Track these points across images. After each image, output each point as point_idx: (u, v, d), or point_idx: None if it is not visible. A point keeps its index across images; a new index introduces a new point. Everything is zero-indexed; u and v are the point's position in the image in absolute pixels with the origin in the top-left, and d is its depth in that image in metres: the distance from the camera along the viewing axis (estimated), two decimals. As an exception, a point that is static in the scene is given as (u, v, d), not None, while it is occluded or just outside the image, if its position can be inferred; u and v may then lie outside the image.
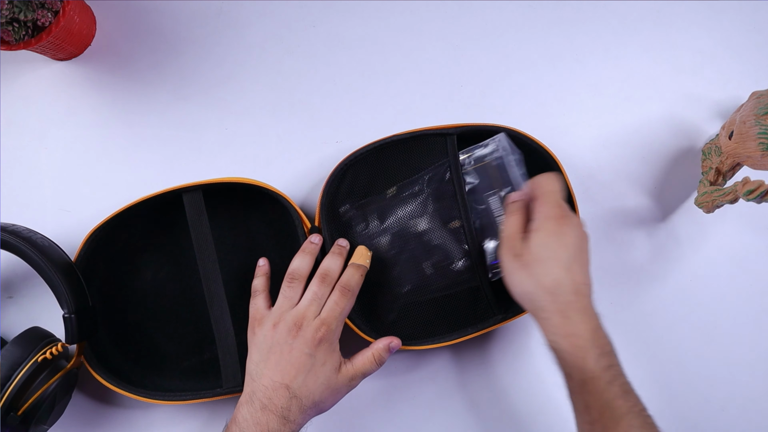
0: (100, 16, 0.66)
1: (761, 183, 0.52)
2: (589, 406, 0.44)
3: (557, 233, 0.47)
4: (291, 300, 0.52)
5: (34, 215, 0.63)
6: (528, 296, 0.47)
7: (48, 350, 0.53)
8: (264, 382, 0.48)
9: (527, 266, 0.47)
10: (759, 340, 0.65)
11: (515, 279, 0.48)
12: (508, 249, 0.49)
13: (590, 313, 0.47)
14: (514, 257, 0.48)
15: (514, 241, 0.49)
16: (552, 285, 0.46)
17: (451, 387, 0.63)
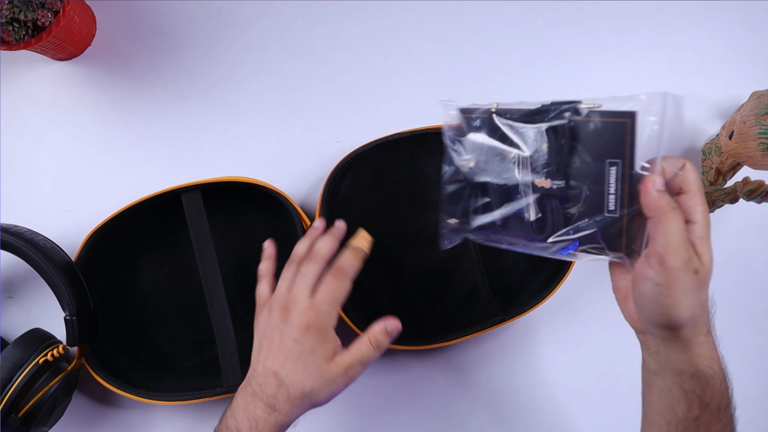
0: (100, 16, 0.66)
1: (761, 183, 0.52)
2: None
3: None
4: (286, 282, 0.50)
5: (35, 215, 0.63)
6: (694, 316, 0.38)
7: (49, 352, 0.53)
8: (258, 369, 0.47)
9: (703, 285, 0.38)
10: (759, 340, 0.65)
11: (689, 301, 0.37)
12: (688, 262, 0.37)
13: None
14: (694, 274, 0.37)
15: (690, 251, 0.37)
16: (707, 302, 0.40)
17: (451, 387, 0.63)
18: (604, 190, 0.40)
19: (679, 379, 0.40)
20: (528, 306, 0.58)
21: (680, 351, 0.39)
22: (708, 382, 0.39)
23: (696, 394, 0.39)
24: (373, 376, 0.62)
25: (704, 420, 0.39)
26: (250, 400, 0.46)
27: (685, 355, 0.39)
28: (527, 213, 0.44)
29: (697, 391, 0.39)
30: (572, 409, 0.63)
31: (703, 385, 0.39)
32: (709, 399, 0.39)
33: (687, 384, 0.39)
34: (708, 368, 0.39)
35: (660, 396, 0.41)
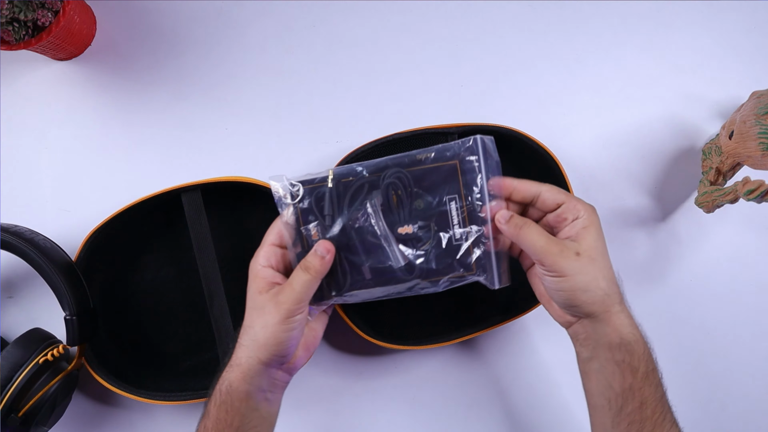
0: (100, 16, 0.66)
1: (761, 183, 0.52)
2: (645, 402, 0.43)
3: (600, 226, 0.47)
4: None
5: (35, 215, 0.63)
6: (602, 292, 0.44)
7: (49, 352, 0.53)
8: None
9: (595, 261, 0.44)
10: (759, 340, 0.65)
11: (587, 278, 0.44)
12: (564, 250, 0.44)
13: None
14: (576, 255, 0.44)
15: (562, 243, 0.45)
16: (614, 277, 0.46)
17: (451, 387, 0.63)
18: (448, 223, 0.49)
19: (610, 353, 0.44)
20: (528, 306, 0.58)
21: (604, 324, 0.45)
22: (633, 348, 0.44)
23: (626, 363, 0.44)
24: (373, 376, 0.62)
25: (637, 386, 0.43)
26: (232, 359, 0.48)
27: (609, 326, 0.45)
28: (395, 261, 0.49)
29: (627, 359, 0.44)
30: (572, 408, 0.62)
31: (630, 352, 0.44)
32: (637, 364, 0.44)
33: (617, 355, 0.44)
34: (630, 334, 0.44)
35: (597, 378, 0.45)
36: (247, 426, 0.46)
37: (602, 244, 0.46)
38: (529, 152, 0.61)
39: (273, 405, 0.49)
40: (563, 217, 0.46)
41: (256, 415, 0.46)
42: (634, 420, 0.43)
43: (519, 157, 0.62)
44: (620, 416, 0.44)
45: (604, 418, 0.45)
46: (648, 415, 0.43)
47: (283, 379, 0.49)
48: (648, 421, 0.43)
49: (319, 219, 0.50)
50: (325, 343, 0.63)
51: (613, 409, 0.44)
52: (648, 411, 0.43)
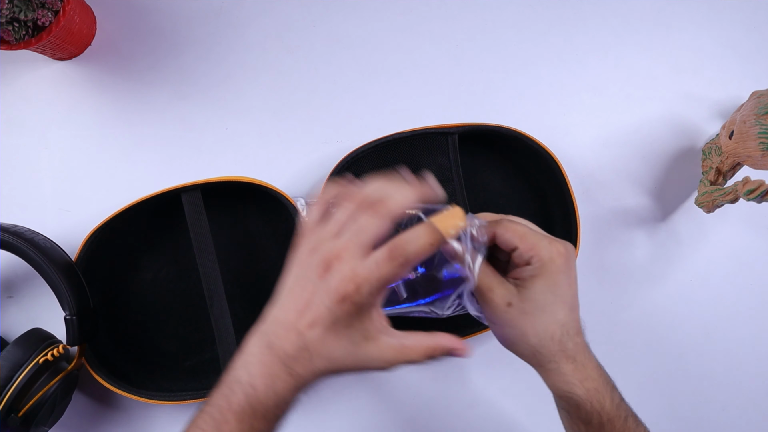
0: (100, 16, 0.66)
1: (761, 183, 0.52)
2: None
3: (564, 272, 0.41)
4: (338, 226, 0.39)
5: (35, 215, 0.63)
6: (531, 348, 0.42)
7: (49, 352, 0.53)
8: (279, 315, 0.39)
9: (528, 315, 0.41)
10: (759, 340, 0.65)
11: (515, 331, 0.42)
12: (498, 297, 0.41)
13: (589, 350, 0.44)
14: (507, 307, 0.41)
15: (501, 288, 0.42)
16: (560, 332, 0.42)
17: (451, 387, 0.63)
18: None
19: (561, 402, 0.43)
20: (528, 306, 0.58)
21: (543, 377, 0.43)
22: (577, 404, 0.41)
23: (575, 414, 0.42)
24: (373, 376, 0.62)
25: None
26: (266, 354, 0.38)
27: (547, 381, 0.43)
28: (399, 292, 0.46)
29: (572, 411, 0.42)
30: (572, 409, 0.63)
31: (573, 406, 0.42)
32: (587, 417, 0.41)
33: (563, 404, 0.43)
34: (568, 393, 0.42)
35: (560, 413, 0.45)
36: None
37: (549, 296, 0.41)
38: (529, 152, 0.61)
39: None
40: (522, 258, 0.42)
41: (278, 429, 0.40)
42: None
43: (519, 157, 0.62)
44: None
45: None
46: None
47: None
48: None
49: None
50: (325, 343, 0.63)
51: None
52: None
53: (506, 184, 0.63)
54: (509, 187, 0.64)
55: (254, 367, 0.38)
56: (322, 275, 0.37)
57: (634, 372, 0.64)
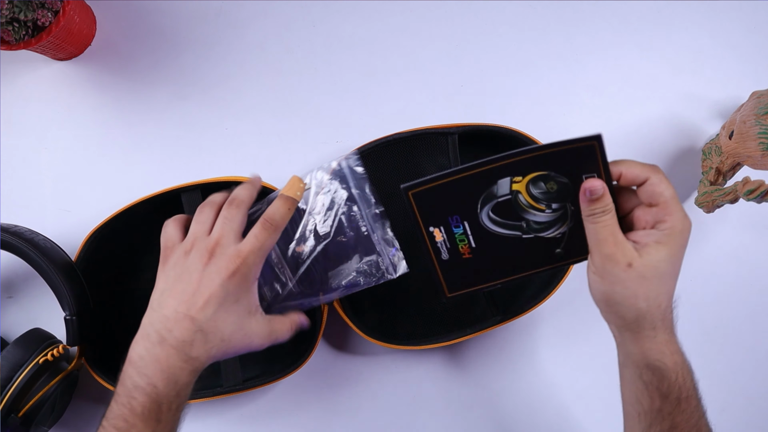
0: (100, 16, 0.66)
1: (761, 183, 0.52)
2: (676, 426, 0.41)
3: (683, 246, 0.41)
4: (204, 225, 0.46)
5: (34, 215, 0.63)
6: (637, 312, 0.41)
7: (49, 352, 0.53)
8: (165, 312, 0.43)
9: (645, 280, 0.41)
10: (759, 340, 0.65)
11: (626, 292, 0.41)
12: (620, 255, 0.41)
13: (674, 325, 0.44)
14: (627, 266, 0.41)
15: (625, 246, 0.41)
16: (666, 302, 0.42)
17: (451, 387, 0.63)
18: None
19: (637, 370, 0.42)
20: (528, 306, 0.58)
21: (632, 342, 0.42)
22: (663, 375, 0.41)
23: (654, 386, 0.42)
24: (373, 376, 0.62)
25: (667, 410, 0.41)
26: (159, 350, 0.42)
27: (636, 347, 0.42)
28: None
29: (654, 382, 0.42)
30: (573, 409, 0.63)
31: (658, 378, 0.41)
32: (667, 391, 0.41)
33: (645, 375, 0.42)
34: (659, 362, 0.41)
35: (629, 387, 0.44)
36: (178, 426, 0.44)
37: (668, 266, 0.41)
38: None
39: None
40: (645, 219, 0.42)
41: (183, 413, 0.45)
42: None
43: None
44: (650, 431, 0.42)
45: (635, 427, 0.44)
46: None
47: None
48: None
49: None
50: (325, 343, 0.63)
51: (642, 423, 0.43)
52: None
53: (506, 184, 0.63)
54: (509, 187, 0.64)
55: (149, 368, 0.42)
56: (206, 263, 0.44)
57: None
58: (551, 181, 0.43)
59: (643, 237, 0.41)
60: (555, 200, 0.44)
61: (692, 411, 0.42)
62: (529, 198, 0.44)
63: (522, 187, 0.43)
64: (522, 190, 0.44)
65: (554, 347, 0.64)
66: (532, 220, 0.45)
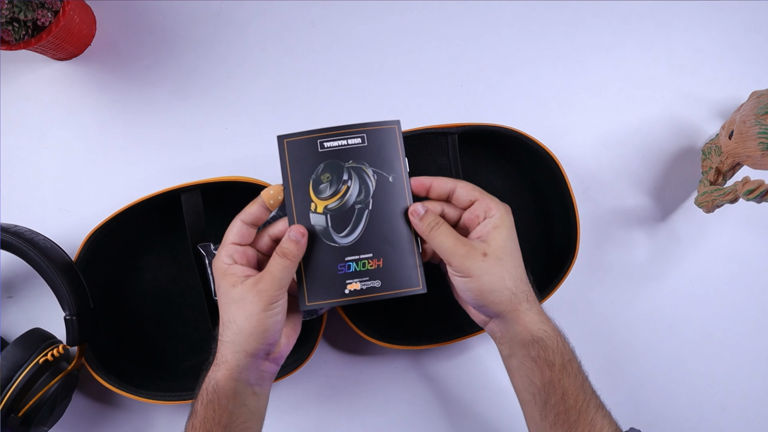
0: (100, 16, 0.66)
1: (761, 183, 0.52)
2: (566, 392, 0.45)
3: (513, 225, 0.48)
4: None
5: (35, 215, 0.63)
6: (509, 292, 0.46)
7: (49, 352, 0.53)
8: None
9: (502, 260, 0.46)
10: (759, 340, 0.65)
11: (493, 278, 0.46)
12: (471, 251, 0.46)
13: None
14: (484, 257, 0.45)
15: (470, 244, 0.46)
16: (523, 276, 0.47)
17: (451, 387, 0.63)
18: None
19: (525, 350, 0.46)
20: (528, 306, 0.58)
21: (514, 323, 0.46)
22: (545, 344, 0.45)
23: (542, 358, 0.45)
24: (373, 376, 0.62)
25: (556, 379, 0.45)
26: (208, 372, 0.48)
27: (519, 325, 0.46)
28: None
29: (542, 354, 0.45)
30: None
31: (543, 348, 0.45)
32: (552, 358, 0.45)
33: (533, 351, 0.45)
34: (540, 331, 0.46)
35: (519, 374, 0.47)
36: (236, 422, 0.45)
37: (512, 243, 0.47)
38: (529, 152, 0.61)
39: (261, 399, 0.48)
40: (475, 214, 0.48)
41: (245, 411, 0.46)
42: (559, 411, 0.44)
43: (519, 157, 0.62)
44: (546, 409, 0.45)
45: (533, 412, 0.46)
46: (571, 404, 0.44)
47: (270, 370, 0.48)
48: (572, 410, 0.44)
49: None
50: (325, 343, 0.63)
51: (538, 403, 0.46)
52: (570, 400, 0.44)
53: (506, 184, 0.63)
54: (509, 187, 0.64)
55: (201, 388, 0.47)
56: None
57: (633, 372, 0.64)
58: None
59: (481, 230, 0.47)
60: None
61: (575, 373, 0.45)
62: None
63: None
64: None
65: (554, 347, 0.64)
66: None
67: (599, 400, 0.46)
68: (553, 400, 0.45)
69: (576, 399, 0.45)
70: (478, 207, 0.48)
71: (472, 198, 0.48)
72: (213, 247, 0.57)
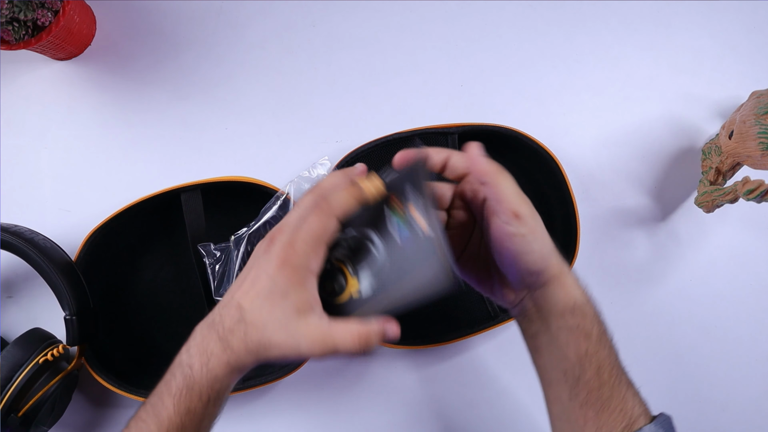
0: (100, 16, 0.66)
1: (761, 182, 0.52)
2: (601, 365, 0.41)
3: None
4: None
5: (34, 215, 0.63)
6: (550, 249, 0.42)
7: (49, 352, 0.53)
8: (225, 298, 0.40)
9: (535, 233, 0.41)
10: (759, 340, 0.65)
11: (548, 238, 0.42)
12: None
13: None
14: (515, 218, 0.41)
15: (510, 222, 0.41)
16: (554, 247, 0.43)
17: (451, 387, 0.63)
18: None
19: (562, 320, 0.42)
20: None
21: (558, 287, 0.42)
22: (585, 311, 0.42)
23: (579, 328, 0.42)
24: (373, 376, 0.62)
25: (592, 350, 0.41)
26: (206, 332, 0.40)
27: (563, 290, 0.42)
28: None
29: (579, 323, 0.42)
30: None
31: (582, 315, 0.42)
32: (590, 327, 0.42)
33: (570, 320, 0.42)
34: (581, 295, 0.42)
35: (550, 350, 0.43)
36: (207, 427, 0.41)
37: (535, 221, 0.42)
38: (529, 152, 0.61)
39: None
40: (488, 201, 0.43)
41: (217, 412, 0.41)
42: (592, 387, 0.41)
43: (519, 157, 0.62)
44: (578, 386, 0.42)
45: (561, 392, 0.43)
46: (605, 380, 0.41)
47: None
48: (606, 385, 0.41)
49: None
50: (325, 343, 0.63)
51: (569, 380, 0.42)
52: (605, 375, 0.41)
53: (506, 184, 0.63)
54: (509, 187, 0.64)
55: (194, 348, 0.39)
56: (267, 250, 0.39)
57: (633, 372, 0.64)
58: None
59: (507, 207, 0.41)
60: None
61: (610, 346, 0.43)
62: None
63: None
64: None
65: (554, 347, 0.64)
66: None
67: (629, 378, 0.43)
68: (587, 375, 0.41)
69: (611, 374, 0.41)
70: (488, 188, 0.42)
71: (486, 179, 0.42)
72: (213, 248, 0.57)
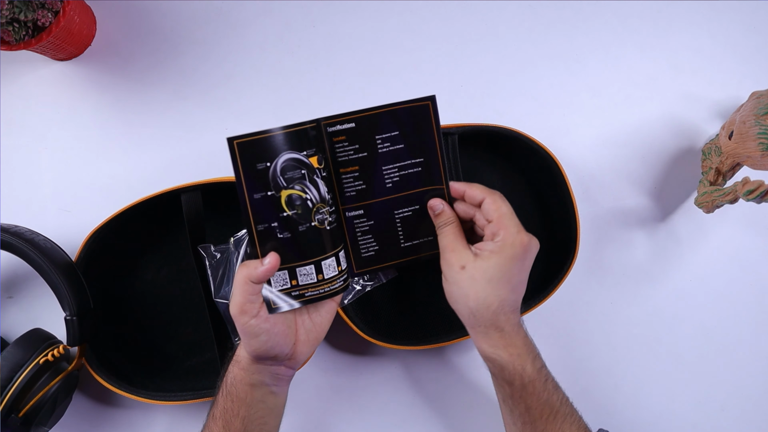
0: (100, 16, 0.66)
1: (761, 183, 0.52)
2: (530, 407, 0.46)
3: (520, 259, 0.46)
4: None
5: (35, 215, 0.63)
6: (469, 310, 0.47)
7: (50, 352, 0.53)
8: None
9: (475, 281, 0.46)
10: (759, 340, 0.65)
11: (460, 291, 0.47)
12: (455, 259, 0.47)
13: (521, 327, 0.48)
14: (460, 269, 0.46)
15: (462, 252, 0.47)
16: (497, 305, 0.46)
17: (451, 387, 0.63)
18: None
19: (485, 362, 0.48)
20: (528, 306, 0.58)
21: (473, 338, 0.48)
22: (501, 366, 0.46)
23: (499, 375, 0.47)
24: (373, 376, 0.62)
25: (517, 394, 0.47)
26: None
27: (476, 342, 0.48)
28: None
29: (497, 372, 0.47)
30: (572, 409, 0.63)
31: (498, 368, 0.47)
32: (510, 378, 0.46)
33: (489, 365, 0.48)
34: (493, 354, 0.47)
35: (492, 380, 0.50)
36: (254, 416, 0.47)
37: (498, 272, 0.46)
38: (529, 152, 0.61)
39: (279, 397, 0.49)
40: (492, 231, 0.47)
41: (262, 407, 0.48)
42: (525, 420, 0.47)
43: (519, 158, 0.62)
44: (513, 416, 0.48)
45: (505, 413, 0.49)
46: (536, 417, 0.46)
47: (286, 374, 0.49)
48: (538, 421, 0.46)
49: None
50: (325, 343, 0.63)
51: (507, 407, 0.48)
52: (535, 413, 0.46)
53: (506, 184, 0.63)
54: (509, 188, 0.64)
55: (233, 365, 0.49)
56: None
57: (633, 372, 0.64)
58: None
59: (482, 246, 0.47)
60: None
61: (539, 392, 0.46)
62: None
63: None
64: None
65: (552, 347, 0.63)
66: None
67: (569, 407, 0.48)
68: (517, 411, 0.47)
69: (540, 413, 0.46)
70: (492, 225, 0.47)
71: (489, 218, 0.47)
72: (213, 249, 0.57)
